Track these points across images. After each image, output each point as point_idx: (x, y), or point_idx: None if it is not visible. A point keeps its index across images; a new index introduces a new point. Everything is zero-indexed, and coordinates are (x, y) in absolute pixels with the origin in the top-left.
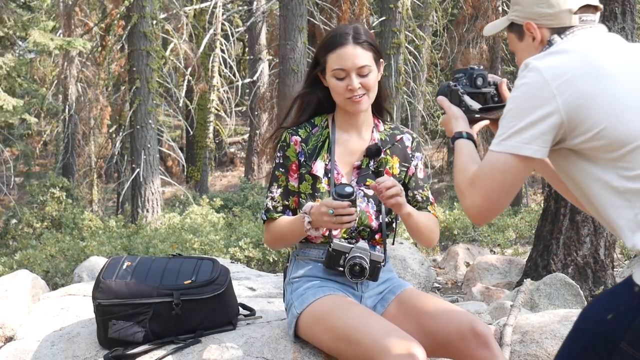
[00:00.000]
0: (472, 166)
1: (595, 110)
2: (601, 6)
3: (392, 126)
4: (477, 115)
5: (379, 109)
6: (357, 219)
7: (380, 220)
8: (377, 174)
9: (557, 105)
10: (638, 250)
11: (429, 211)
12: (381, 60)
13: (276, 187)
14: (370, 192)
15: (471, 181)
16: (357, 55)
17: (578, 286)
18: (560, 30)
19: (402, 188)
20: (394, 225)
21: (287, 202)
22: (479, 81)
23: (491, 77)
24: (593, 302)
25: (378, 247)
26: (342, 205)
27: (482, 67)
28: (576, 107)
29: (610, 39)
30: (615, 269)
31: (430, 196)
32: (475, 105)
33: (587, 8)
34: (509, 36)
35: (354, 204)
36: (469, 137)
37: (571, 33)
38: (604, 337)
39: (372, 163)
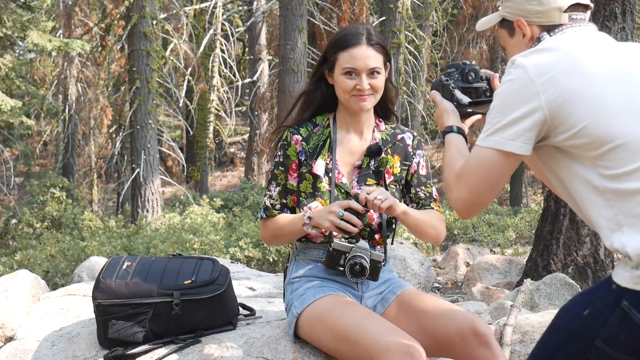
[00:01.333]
0: (460, 160)
1: (578, 108)
2: (591, 5)
3: (393, 125)
4: (468, 110)
5: (386, 111)
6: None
7: (381, 220)
8: (378, 173)
9: (541, 102)
10: (615, 249)
11: (432, 208)
12: (388, 63)
13: (274, 185)
14: None
15: (458, 175)
16: (370, 56)
17: (578, 286)
18: (550, 28)
19: (386, 191)
20: (394, 225)
21: (285, 201)
22: (471, 76)
23: (484, 72)
24: (571, 300)
25: (378, 247)
26: (359, 208)
27: (474, 63)
28: (559, 104)
29: (598, 38)
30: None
31: (434, 192)
32: (465, 99)
33: (577, 7)
34: (500, 32)
35: (364, 215)
36: (459, 131)
37: (560, 31)
38: (579, 334)
39: (372, 162)
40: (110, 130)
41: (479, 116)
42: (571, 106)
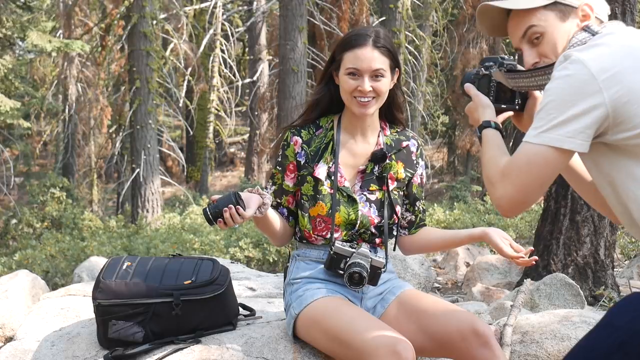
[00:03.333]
0: (503, 157)
1: None
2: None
3: (398, 130)
4: (503, 106)
5: (392, 118)
6: (359, 221)
7: (382, 223)
8: (381, 179)
9: (603, 99)
10: None
11: (425, 224)
12: (397, 69)
13: (271, 184)
14: (373, 197)
15: (503, 173)
16: (374, 58)
17: (578, 286)
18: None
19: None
20: (394, 232)
21: (279, 200)
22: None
23: (520, 68)
24: (626, 298)
25: (379, 249)
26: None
27: (511, 58)
28: (624, 103)
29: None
30: (615, 269)
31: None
32: (521, 68)
33: None
34: (544, 15)
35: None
36: (497, 127)
37: (602, 25)
38: None
39: (376, 168)
40: (110, 130)
41: (510, 113)
42: (637, 106)
